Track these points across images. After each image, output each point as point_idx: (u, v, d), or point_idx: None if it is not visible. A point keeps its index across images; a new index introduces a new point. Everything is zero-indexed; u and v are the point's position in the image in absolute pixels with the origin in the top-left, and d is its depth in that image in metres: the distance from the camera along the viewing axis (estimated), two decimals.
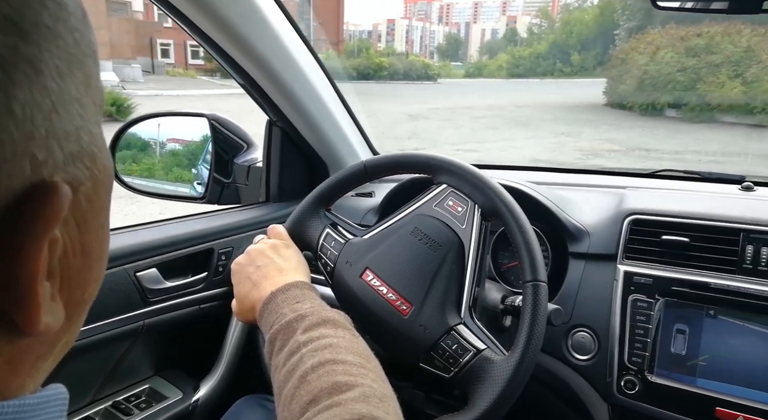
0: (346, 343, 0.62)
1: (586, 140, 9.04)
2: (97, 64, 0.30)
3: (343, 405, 0.51)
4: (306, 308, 0.68)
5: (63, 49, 0.26)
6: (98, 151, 0.30)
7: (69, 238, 0.28)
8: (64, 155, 0.26)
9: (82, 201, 0.28)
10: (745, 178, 1.09)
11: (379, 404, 0.52)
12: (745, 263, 0.87)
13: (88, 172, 0.28)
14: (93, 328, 0.93)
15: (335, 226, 0.91)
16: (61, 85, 0.26)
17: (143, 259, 1.02)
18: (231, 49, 1.04)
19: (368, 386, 0.54)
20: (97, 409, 1.05)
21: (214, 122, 1.28)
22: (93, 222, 0.30)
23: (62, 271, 0.28)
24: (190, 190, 1.37)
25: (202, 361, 1.21)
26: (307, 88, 1.16)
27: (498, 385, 0.72)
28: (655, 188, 1.13)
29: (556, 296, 0.99)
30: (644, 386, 0.89)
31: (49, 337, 0.29)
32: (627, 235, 0.96)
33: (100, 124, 0.31)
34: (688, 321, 0.88)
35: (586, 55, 26.30)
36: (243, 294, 0.78)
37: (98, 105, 0.31)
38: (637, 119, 10.41)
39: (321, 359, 0.58)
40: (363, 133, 1.37)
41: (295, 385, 0.56)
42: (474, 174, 0.84)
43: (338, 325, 0.66)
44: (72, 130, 0.27)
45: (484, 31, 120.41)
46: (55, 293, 0.28)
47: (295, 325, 0.65)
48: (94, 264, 0.31)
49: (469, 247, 0.82)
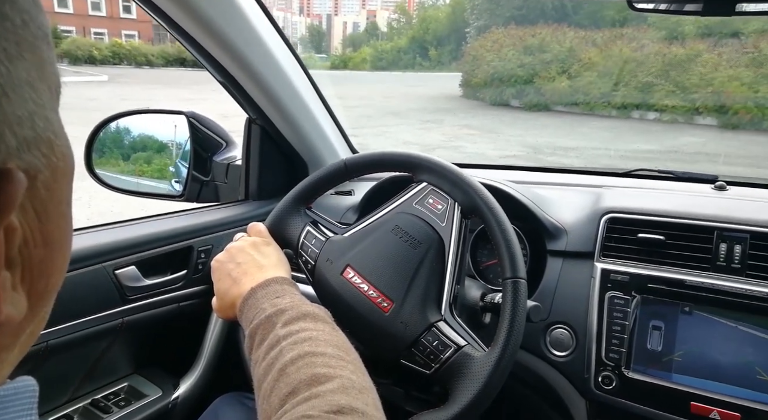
0: (325, 336, 0.62)
1: (448, 126, 10.26)
2: (50, 48, 0.29)
3: (322, 396, 0.51)
4: (286, 303, 0.68)
5: (10, 31, 0.25)
6: (55, 137, 0.29)
7: (29, 228, 0.27)
8: (18, 141, 0.25)
9: (40, 190, 0.28)
10: (718, 178, 1.11)
11: (358, 395, 0.52)
12: (718, 261, 0.89)
13: (45, 160, 0.28)
14: (71, 326, 0.92)
15: (315, 224, 0.91)
16: (10, 68, 0.25)
17: (122, 257, 1.01)
18: (210, 46, 1.03)
19: (347, 378, 0.54)
20: (76, 407, 1.04)
21: (192, 120, 1.27)
22: (54, 211, 0.29)
23: (23, 261, 0.27)
24: (168, 188, 1.36)
25: (181, 359, 1.20)
26: (287, 85, 1.15)
27: (478, 380, 0.73)
28: (631, 187, 1.15)
29: (535, 293, 1.00)
30: (621, 382, 0.90)
31: (11, 328, 0.28)
32: (604, 233, 0.97)
33: (57, 111, 0.30)
34: (664, 317, 0.90)
35: (442, 51, 27.40)
36: (223, 291, 0.78)
37: (54, 90, 0.30)
38: (488, 108, 12.07)
39: (300, 352, 0.58)
40: (342, 131, 1.37)
41: (274, 378, 0.56)
42: (454, 172, 0.84)
43: (318, 318, 0.66)
44: (25, 115, 0.26)
45: (346, 23, 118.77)
46: (16, 283, 0.27)
47: (275, 319, 0.65)
48: (56, 254, 0.30)
49: (449, 244, 0.82)
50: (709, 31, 10.66)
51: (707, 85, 8.83)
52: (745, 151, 7.19)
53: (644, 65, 9.89)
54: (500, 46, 12.82)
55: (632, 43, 11.28)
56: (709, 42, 10.19)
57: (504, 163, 1.43)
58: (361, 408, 0.50)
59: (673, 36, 11.20)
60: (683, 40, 10.70)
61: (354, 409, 0.49)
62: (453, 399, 0.74)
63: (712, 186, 1.09)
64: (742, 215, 0.90)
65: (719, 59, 9.49)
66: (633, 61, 10.17)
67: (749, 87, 8.29)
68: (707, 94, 8.67)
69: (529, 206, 1.03)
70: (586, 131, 9.47)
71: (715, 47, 9.90)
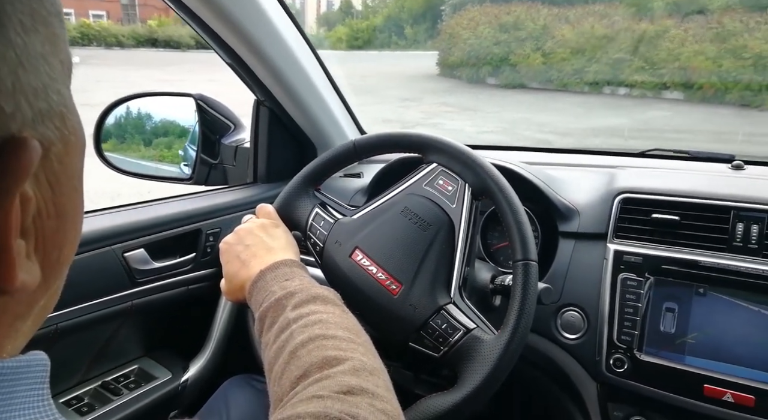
0: (335, 319, 0.62)
1: (426, 104, 10.46)
2: (63, 24, 0.30)
3: (333, 378, 0.51)
4: (295, 285, 0.68)
5: (26, 4, 0.26)
6: (68, 111, 0.30)
7: (42, 199, 0.28)
8: (33, 112, 0.26)
9: (53, 162, 0.29)
10: (735, 157, 1.09)
11: (368, 377, 0.52)
12: (735, 241, 0.87)
13: (58, 133, 0.29)
14: (81, 309, 0.92)
15: (324, 206, 0.90)
16: (26, 40, 0.26)
17: (131, 240, 1.01)
18: (218, 27, 1.02)
19: (358, 360, 0.54)
20: (87, 389, 1.05)
21: (200, 102, 1.26)
22: (66, 184, 0.30)
23: (37, 231, 0.28)
24: (177, 171, 1.35)
25: (191, 342, 1.20)
26: (295, 67, 1.14)
27: (488, 363, 0.72)
28: (645, 167, 1.13)
29: (546, 275, 0.98)
30: (633, 364, 0.89)
31: (25, 297, 0.29)
32: (617, 214, 0.96)
33: (69, 86, 0.31)
34: (678, 299, 0.89)
35: (418, 29, 26.55)
36: (232, 273, 0.78)
37: (66, 66, 0.30)
38: (466, 86, 12.19)
39: (311, 335, 0.58)
40: (351, 113, 1.35)
41: (285, 361, 0.56)
42: (465, 152, 0.83)
43: (328, 301, 0.66)
44: (40, 86, 0.27)
45: (320, 1, 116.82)
46: (30, 252, 0.28)
47: (285, 302, 0.65)
48: (68, 226, 0.31)
49: (459, 226, 0.81)
50: (677, 8, 10.79)
51: (674, 60, 9.08)
52: (712, 123, 7.57)
53: (615, 41, 10.03)
54: (476, 23, 12.95)
55: (603, 19, 11.36)
56: (676, 18, 10.33)
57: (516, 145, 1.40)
58: (372, 389, 0.50)
59: (642, 12, 11.27)
60: (652, 17, 10.81)
61: (364, 389, 0.49)
62: (462, 382, 0.73)
63: (729, 165, 1.07)
64: (760, 195, 0.88)
65: (686, 35, 9.61)
66: (604, 37, 10.33)
67: (713, 61, 8.56)
68: (674, 69, 8.96)
69: (541, 187, 1.02)
70: (560, 107, 9.78)
71: (682, 23, 9.98)
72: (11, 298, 0.28)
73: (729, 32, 9.02)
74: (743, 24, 9.04)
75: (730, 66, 8.32)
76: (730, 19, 9.33)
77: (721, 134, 6.88)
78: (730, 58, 8.47)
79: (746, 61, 8.23)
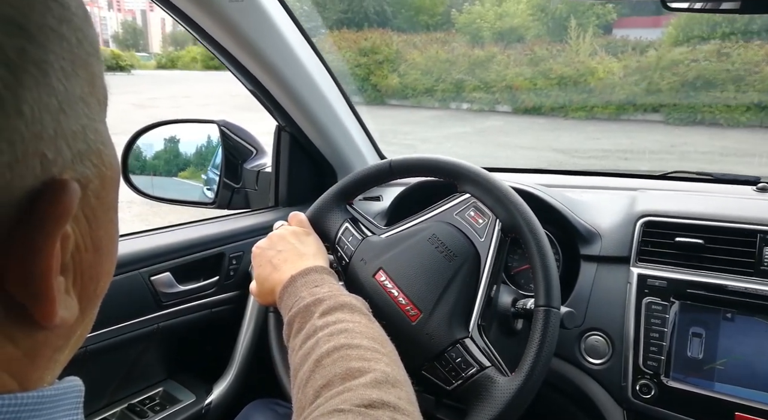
0: (361, 328, 0.62)
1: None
2: (100, 62, 0.31)
3: (355, 390, 0.50)
4: (324, 292, 0.68)
5: (67, 50, 0.27)
6: (104, 148, 0.30)
7: (80, 234, 0.29)
8: (72, 154, 0.27)
9: (91, 198, 0.29)
10: (761, 179, 1.07)
11: (391, 390, 0.52)
12: (762, 265, 0.85)
13: (95, 170, 0.29)
14: (109, 332, 0.94)
15: (355, 222, 0.91)
16: (67, 86, 0.27)
17: (157, 264, 1.03)
18: (240, 55, 1.05)
19: (381, 371, 0.54)
20: (113, 412, 1.06)
21: (224, 128, 1.29)
22: (103, 218, 0.31)
23: (75, 266, 0.29)
24: (200, 196, 1.38)
25: (214, 365, 1.21)
26: (316, 93, 1.16)
27: (497, 406, 0.71)
28: (667, 190, 1.12)
29: (569, 299, 0.98)
30: (660, 391, 0.87)
31: (65, 330, 0.30)
32: (640, 237, 0.95)
33: (105, 122, 0.32)
34: (705, 324, 0.87)
35: None
36: (263, 277, 0.79)
37: (102, 103, 0.31)
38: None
39: (336, 344, 0.58)
40: (371, 137, 1.37)
41: (310, 369, 0.57)
42: (499, 188, 0.82)
43: (355, 309, 0.66)
44: (79, 129, 0.28)
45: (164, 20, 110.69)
46: (69, 287, 0.29)
47: (313, 308, 0.66)
48: (104, 259, 0.32)
49: (485, 261, 0.81)
50: (501, 37, 13.68)
51: (502, 80, 11.33)
52: (532, 130, 9.63)
53: (455, 64, 11.93)
54: (338, 47, 14.12)
55: (445, 46, 13.44)
56: (500, 46, 12.85)
57: (535, 167, 1.40)
58: (393, 402, 0.49)
59: (475, 40, 13.84)
60: (483, 44, 13.27)
61: (386, 403, 0.49)
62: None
63: (754, 188, 1.05)
64: None
65: (509, 60, 11.95)
66: (447, 61, 12.25)
67: (530, 81, 10.90)
68: (502, 87, 11.24)
69: (562, 210, 1.01)
70: (418, 119, 11.34)
71: (505, 50, 12.47)
72: (51, 332, 0.28)
73: (539, 58, 11.51)
74: (548, 51, 11.64)
75: (542, 84, 10.67)
76: (539, 47, 11.98)
77: (539, 138, 8.69)
78: (542, 78, 10.76)
79: (552, 80, 10.60)
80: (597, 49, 11.10)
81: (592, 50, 11.11)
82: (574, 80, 10.26)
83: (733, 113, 8.44)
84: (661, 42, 11.17)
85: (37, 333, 0.28)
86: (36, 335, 0.28)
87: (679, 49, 9.96)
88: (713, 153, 7.42)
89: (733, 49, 9.01)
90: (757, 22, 9.52)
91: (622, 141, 8.30)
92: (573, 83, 10.22)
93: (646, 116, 9.26)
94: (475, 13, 15.34)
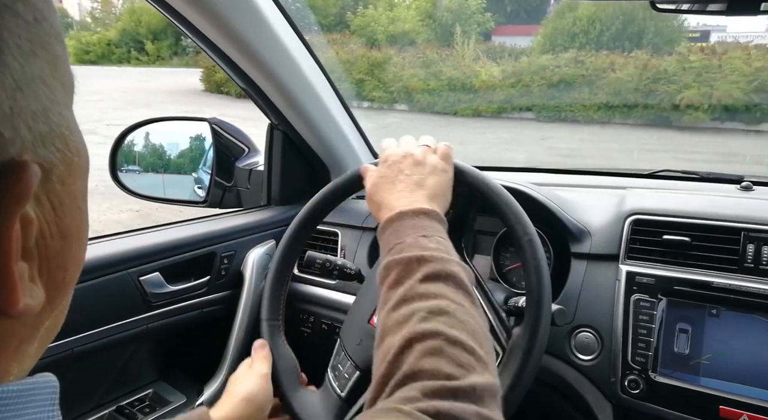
0: (463, 315, 0.57)
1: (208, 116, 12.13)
2: (63, 46, 0.30)
3: (430, 400, 0.47)
4: (432, 248, 0.63)
5: (24, 28, 0.26)
6: (70, 133, 0.30)
7: (45, 221, 0.28)
8: (33, 136, 0.27)
9: (56, 183, 0.29)
10: (744, 178, 1.10)
11: (468, 406, 0.47)
12: (746, 262, 0.87)
13: (60, 155, 0.29)
14: (96, 333, 0.93)
15: None
16: (24, 64, 0.26)
17: (146, 264, 1.02)
18: (233, 53, 1.04)
19: (469, 385, 0.49)
20: (102, 414, 1.05)
21: (215, 126, 1.29)
22: (70, 205, 0.30)
23: (40, 253, 0.28)
24: (191, 194, 1.37)
25: (205, 365, 1.21)
26: (309, 91, 1.16)
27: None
28: (655, 188, 1.14)
29: (559, 297, 0.99)
30: (648, 386, 0.89)
31: (30, 320, 0.29)
32: (629, 235, 0.97)
33: (71, 108, 0.31)
34: (691, 320, 0.89)
35: (160, 45, 26.43)
36: (377, 188, 0.76)
37: (68, 88, 0.31)
38: (236, 101, 12.90)
39: (433, 329, 0.53)
40: (364, 135, 1.37)
41: (399, 345, 0.53)
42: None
43: (460, 285, 0.61)
44: (39, 110, 0.27)
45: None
46: (34, 275, 0.28)
47: (416, 266, 0.61)
48: (73, 246, 0.31)
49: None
50: (394, 40, 14.51)
51: (399, 80, 11.86)
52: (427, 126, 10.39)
53: (356, 65, 12.12)
54: None
55: (345, 47, 13.81)
56: (396, 48, 13.55)
57: (527, 166, 1.41)
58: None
59: (371, 43, 14.53)
60: (379, 47, 13.87)
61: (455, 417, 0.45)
62: None
63: (738, 186, 1.08)
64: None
65: (404, 61, 12.51)
66: (347, 62, 12.40)
67: (424, 82, 11.50)
68: (399, 87, 11.76)
69: (552, 209, 1.03)
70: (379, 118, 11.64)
71: (400, 52, 13.10)
72: (16, 321, 0.28)
73: (431, 61, 12.12)
74: (438, 55, 12.30)
75: (434, 85, 11.21)
76: (431, 51, 12.76)
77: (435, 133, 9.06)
78: (434, 80, 11.36)
79: (443, 82, 11.17)
80: (480, 55, 11.99)
81: (476, 55, 11.99)
82: (462, 82, 11.01)
83: (588, 111, 9.68)
84: (532, 49, 12.94)
85: (1, 321, 0.27)
86: (0, 323, 0.27)
87: (545, 56, 11.20)
88: (576, 141, 8.91)
89: (587, 57, 10.33)
90: (606, 34, 12.05)
91: (503, 135, 9.54)
92: (461, 85, 10.98)
93: (521, 114, 10.45)
94: (369, 16, 16.28)
